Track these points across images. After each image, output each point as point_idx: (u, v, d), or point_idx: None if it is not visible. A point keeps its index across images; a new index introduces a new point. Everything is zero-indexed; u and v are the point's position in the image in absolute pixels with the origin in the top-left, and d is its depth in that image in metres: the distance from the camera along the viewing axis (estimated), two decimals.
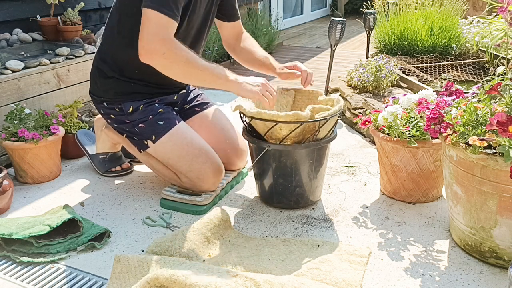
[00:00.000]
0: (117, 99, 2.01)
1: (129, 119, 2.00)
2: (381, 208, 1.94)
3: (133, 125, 2.00)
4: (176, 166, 1.97)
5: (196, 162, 1.94)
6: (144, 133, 1.98)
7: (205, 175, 1.94)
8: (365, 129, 2.67)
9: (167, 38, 1.71)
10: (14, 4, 2.83)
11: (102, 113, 2.09)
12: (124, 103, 1.99)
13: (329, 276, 1.49)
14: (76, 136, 2.34)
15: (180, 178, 1.99)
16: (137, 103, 1.99)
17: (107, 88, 2.02)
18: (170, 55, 1.71)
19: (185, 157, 1.94)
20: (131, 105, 1.99)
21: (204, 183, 1.96)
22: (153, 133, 1.96)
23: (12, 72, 2.32)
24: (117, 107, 2.01)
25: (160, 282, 1.37)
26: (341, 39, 3.04)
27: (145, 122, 1.98)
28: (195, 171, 1.94)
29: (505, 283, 1.48)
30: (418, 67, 3.58)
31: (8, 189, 1.93)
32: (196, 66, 1.76)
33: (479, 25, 4.13)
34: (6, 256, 1.65)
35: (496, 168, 1.41)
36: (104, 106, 2.05)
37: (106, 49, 2.01)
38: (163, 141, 1.95)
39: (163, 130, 1.96)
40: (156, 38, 1.69)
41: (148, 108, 1.99)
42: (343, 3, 7.90)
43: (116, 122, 2.06)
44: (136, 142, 2.03)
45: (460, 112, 1.55)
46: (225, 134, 2.15)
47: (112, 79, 1.99)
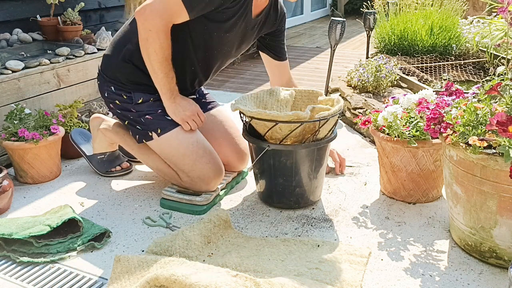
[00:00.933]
0: (128, 86, 1.97)
1: (135, 109, 1.97)
2: (381, 208, 1.94)
3: (139, 114, 1.97)
4: (179, 165, 1.96)
5: (200, 162, 1.93)
6: (150, 125, 1.95)
7: (207, 175, 1.94)
8: (365, 129, 2.67)
9: (165, 22, 1.78)
10: (14, 4, 2.83)
11: (106, 96, 2.03)
12: (135, 92, 1.97)
13: (329, 276, 1.49)
14: (71, 136, 2.32)
15: (180, 177, 1.99)
16: (148, 96, 1.97)
17: (121, 71, 1.97)
18: (152, 35, 1.78)
19: (190, 156, 1.94)
20: (142, 97, 1.96)
21: (204, 184, 1.96)
22: (160, 126, 1.95)
23: (12, 72, 2.32)
24: (126, 94, 1.98)
25: (160, 282, 1.37)
26: (341, 39, 3.04)
27: (152, 115, 1.95)
28: (198, 171, 1.94)
29: (505, 283, 1.48)
30: (418, 67, 3.58)
31: (8, 189, 1.93)
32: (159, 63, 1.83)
33: (479, 25, 4.13)
34: (6, 256, 1.65)
35: (496, 168, 1.41)
36: (111, 90, 2.00)
37: (135, 30, 1.89)
38: (169, 137, 1.94)
39: (170, 126, 1.94)
40: (158, 15, 1.76)
41: (157, 102, 1.97)
42: (343, 3, 7.89)
43: (120, 109, 2.01)
44: (138, 132, 1.99)
45: (460, 112, 1.55)
46: (229, 136, 2.15)
47: (130, 64, 1.96)
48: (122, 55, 1.97)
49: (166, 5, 1.77)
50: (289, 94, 2.09)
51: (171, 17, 1.79)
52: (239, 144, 2.15)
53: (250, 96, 2.01)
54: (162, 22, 1.78)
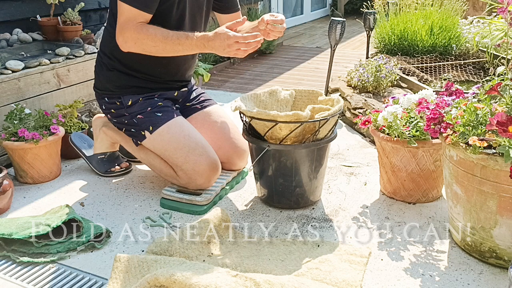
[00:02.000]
0: (117, 92, 2.05)
1: (128, 112, 2.04)
2: (381, 208, 1.94)
3: (131, 116, 2.03)
4: (172, 158, 1.98)
5: (193, 154, 1.95)
6: (142, 124, 2.01)
7: (201, 167, 1.95)
8: (365, 129, 2.67)
9: (137, 26, 1.84)
10: (14, 4, 2.83)
11: (104, 108, 2.12)
12: (124, 96, 2.04)
13: (329, 276, 1.49)
14: (70, 139, 2.33)
15: (176, 172, 2.00)
16: (137, 96, 2.04)
17: (109, 81, 2.06)
18: (142, 37, 1.84)
19: (182, 149, 1.96)
20: (131, 98, 2.04)
21: (199, 176, 1.96)
22: (151, 123, 1.99)
23: (12, 72, 2.31)
24: (117, 100, 2.05)
25: (160, 282, 1.37)
26: (341, 39, 3.04)
27: (143, 113, 2.01)
28: (191, 162, 1.95)
29: (505, 283, 1.48)
30: (418, 67, 3.58)
31: (8, 189, 1.93)
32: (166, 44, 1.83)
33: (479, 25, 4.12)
34: (6, 256, 1.65)
35: (496, 168, 1.41)
36: (105, 101, 2.08)
37: (106, 43, 2.07)
38: (161, 132, 1.98)
39: (161, 121, 1.99)
40: (127, 28, 1.84)
41: (147, 101, 2.04)
42: (343, 3, 7.89)
43: (115, 116, 2.09)
44: (133, 134, 2.06)
45: (460, 112, 1.55)
46: (226, 133, 2.15)
47: (113, 71, 2.04)
48: (105, 67, 2.07)
49: (126, 18, 1.85)
50: (289, 94, 2.09)
51: (135, 21, 1.85)
52: (238, 141, 2.15)
53: (250, 96, 2.01)
54: (134, 29, 1.84)
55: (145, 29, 1.84)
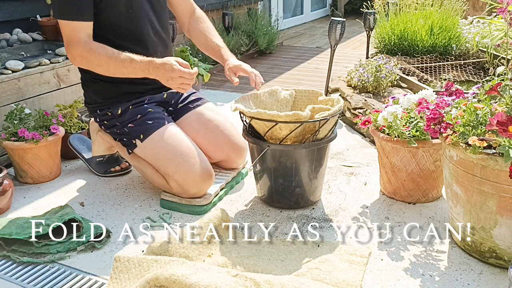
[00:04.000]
0: (107, 102, 2.02)
1: (119, 121, 2.01)
2: (381, 208, 1.94)
3: (122, 125, 2.00)
4: (164, 168, 1.93)
5: (184, 164, 1.89)
6: (133, 133, 1.98)
7: (192, 177, 1.89)
8: (365, 129, 2.67)
9: (80, 42, 1.84)
10: (14, 4, 2.83)
11: (98, 121, 2.10)
12: (113, 105, 2.01)
13: (329, 276, 1.49)
14: (69, 141, 2.33)
15: (168, 182, 1.95)
16: (126, 104, 2.01)
17: (96, 92, 2.05)
18: (87, 56, 1.84)
19: (173, 158, 1.90)
20: (120, 107, 2.01)
21: (191, 187, 1.90)
22: (142, 132, 1.96)
23: (12, 72, 2.31)
24: (108, 111, 2.03)
25: (160, 282, 1.37)
26: (341, 39, 3.04)
27: (134, 122, 1.98)
28: (182, 172, 1.89)
29: (505, 283, 1.48)
30: (418, 67, 3.58)
31: (8, 189, 1.93)
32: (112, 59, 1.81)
33: (479, 25, 4.12)
34: (6, 256, 1.65)
35: (496, 168, 1.41)
36: (97, 113, 2.07)
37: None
38: (151, 141, 1.94)
39: (151, 129, 1.95)
40: (72, 45, 1.85)
41: (136, 108, 2.00)
42: (343, 3, 7.89)
43: (108, 127, 2.07)
44: (125, 143, 2.03)
45: (460, 112, 1.55)
46: (222, 130, 2.12)
47: (99, 83, 2.01)
48: (90, 80, 2.04)
49: (67, 33, 1.86)
50: (289, 94, 2.09)
51: (77, 35, 1.84)
52: (235, 138, 2.13)
53: (250, 96, 2.01)
54: (79, 46, 1.83)
55: (89, 46, 1.83)
